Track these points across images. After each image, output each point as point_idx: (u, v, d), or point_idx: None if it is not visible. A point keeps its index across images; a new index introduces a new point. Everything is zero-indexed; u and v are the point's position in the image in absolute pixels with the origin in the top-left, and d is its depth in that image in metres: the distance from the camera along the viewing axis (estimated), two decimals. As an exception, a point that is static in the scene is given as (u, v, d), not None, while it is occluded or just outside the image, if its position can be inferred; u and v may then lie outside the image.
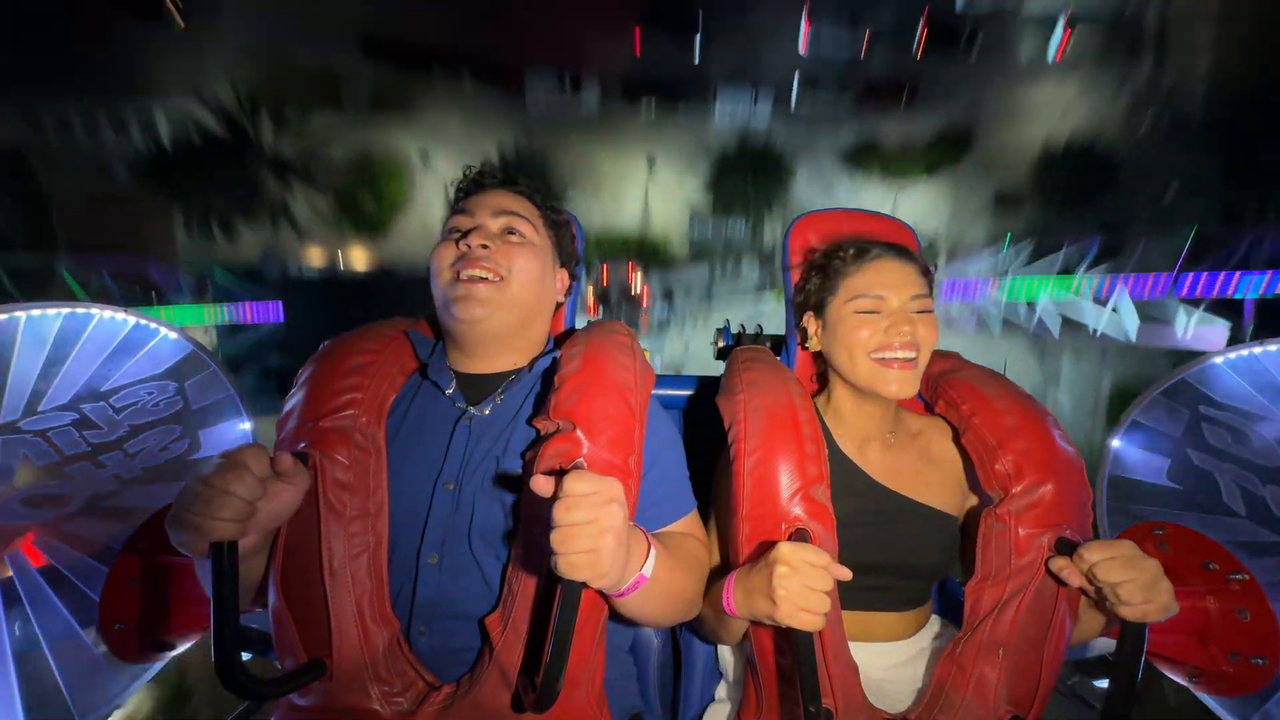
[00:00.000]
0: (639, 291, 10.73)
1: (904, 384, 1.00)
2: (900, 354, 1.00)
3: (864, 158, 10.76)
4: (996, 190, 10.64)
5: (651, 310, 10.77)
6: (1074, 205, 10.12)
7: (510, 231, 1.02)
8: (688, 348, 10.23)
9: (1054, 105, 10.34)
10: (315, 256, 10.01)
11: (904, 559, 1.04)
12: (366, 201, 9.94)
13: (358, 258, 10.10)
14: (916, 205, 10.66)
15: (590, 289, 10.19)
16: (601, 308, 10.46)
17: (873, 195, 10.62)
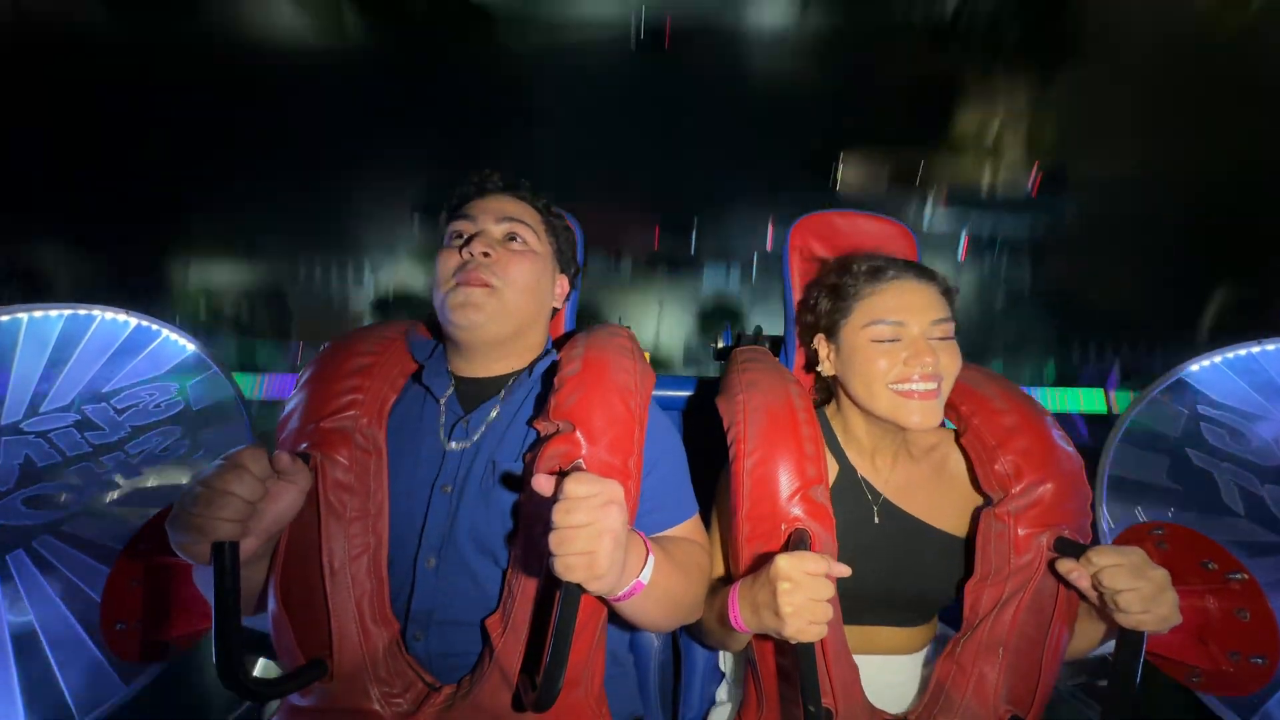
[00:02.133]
0: (650, 387, 16.38)
1: (926, 415, 0.94)
2: (920, 385, 0.94)
3: (798, 309, 15.94)
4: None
5: (660, 397, 16.22)
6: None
7: (512, 238, 1.02)
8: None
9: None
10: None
11: (914, 589, 1.01)
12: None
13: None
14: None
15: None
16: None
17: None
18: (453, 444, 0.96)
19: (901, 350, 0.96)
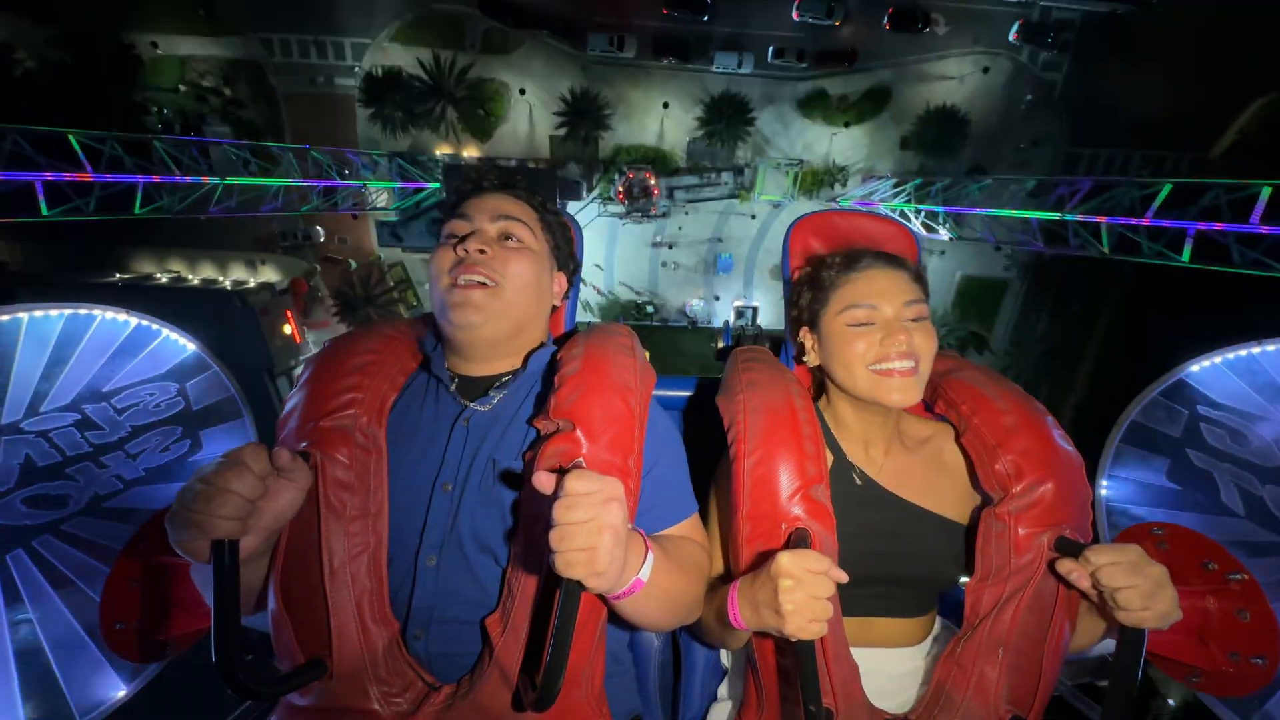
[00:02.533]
0: (652, 189, 16.50)
1: (906, 392, 0.97)
2: (898, 364, 0.97)
3: (812, 106, 16.00)
4: (901, 136, 16.09)
5: (659, 202, 16.60)
6: (945, 151, 15.72)
7: (508, 237, 1.02)
8: (681, 229, 16.80)
9: (954, 77, 15.64)
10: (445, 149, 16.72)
11: (913, 570, 1.02)
12: (479, 115, 15.90)
13: (470, 152, 16.27)
14: (845, 143, 16.26)
15: (621, 185, 16.23)
16: (627, 198, 16.37)
17: (816, 132, 16.18)
18: (478, 407, 0.98)
19: (877, 333, 0.99)
